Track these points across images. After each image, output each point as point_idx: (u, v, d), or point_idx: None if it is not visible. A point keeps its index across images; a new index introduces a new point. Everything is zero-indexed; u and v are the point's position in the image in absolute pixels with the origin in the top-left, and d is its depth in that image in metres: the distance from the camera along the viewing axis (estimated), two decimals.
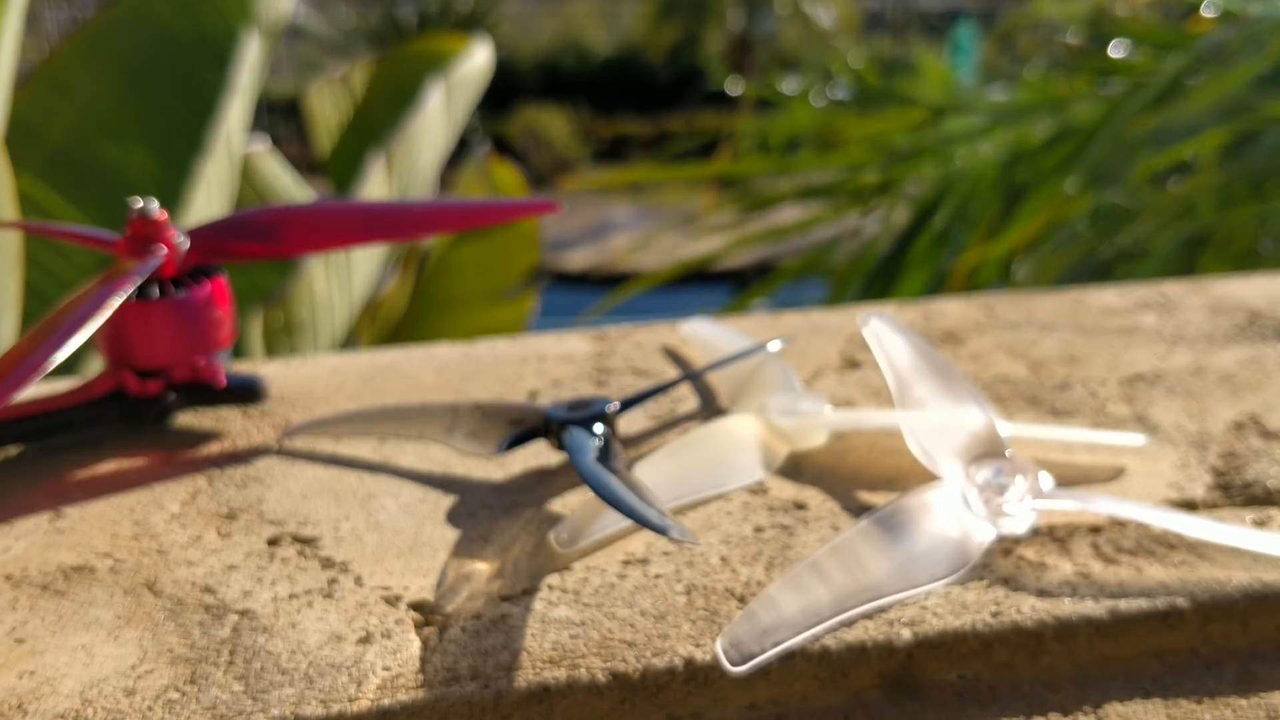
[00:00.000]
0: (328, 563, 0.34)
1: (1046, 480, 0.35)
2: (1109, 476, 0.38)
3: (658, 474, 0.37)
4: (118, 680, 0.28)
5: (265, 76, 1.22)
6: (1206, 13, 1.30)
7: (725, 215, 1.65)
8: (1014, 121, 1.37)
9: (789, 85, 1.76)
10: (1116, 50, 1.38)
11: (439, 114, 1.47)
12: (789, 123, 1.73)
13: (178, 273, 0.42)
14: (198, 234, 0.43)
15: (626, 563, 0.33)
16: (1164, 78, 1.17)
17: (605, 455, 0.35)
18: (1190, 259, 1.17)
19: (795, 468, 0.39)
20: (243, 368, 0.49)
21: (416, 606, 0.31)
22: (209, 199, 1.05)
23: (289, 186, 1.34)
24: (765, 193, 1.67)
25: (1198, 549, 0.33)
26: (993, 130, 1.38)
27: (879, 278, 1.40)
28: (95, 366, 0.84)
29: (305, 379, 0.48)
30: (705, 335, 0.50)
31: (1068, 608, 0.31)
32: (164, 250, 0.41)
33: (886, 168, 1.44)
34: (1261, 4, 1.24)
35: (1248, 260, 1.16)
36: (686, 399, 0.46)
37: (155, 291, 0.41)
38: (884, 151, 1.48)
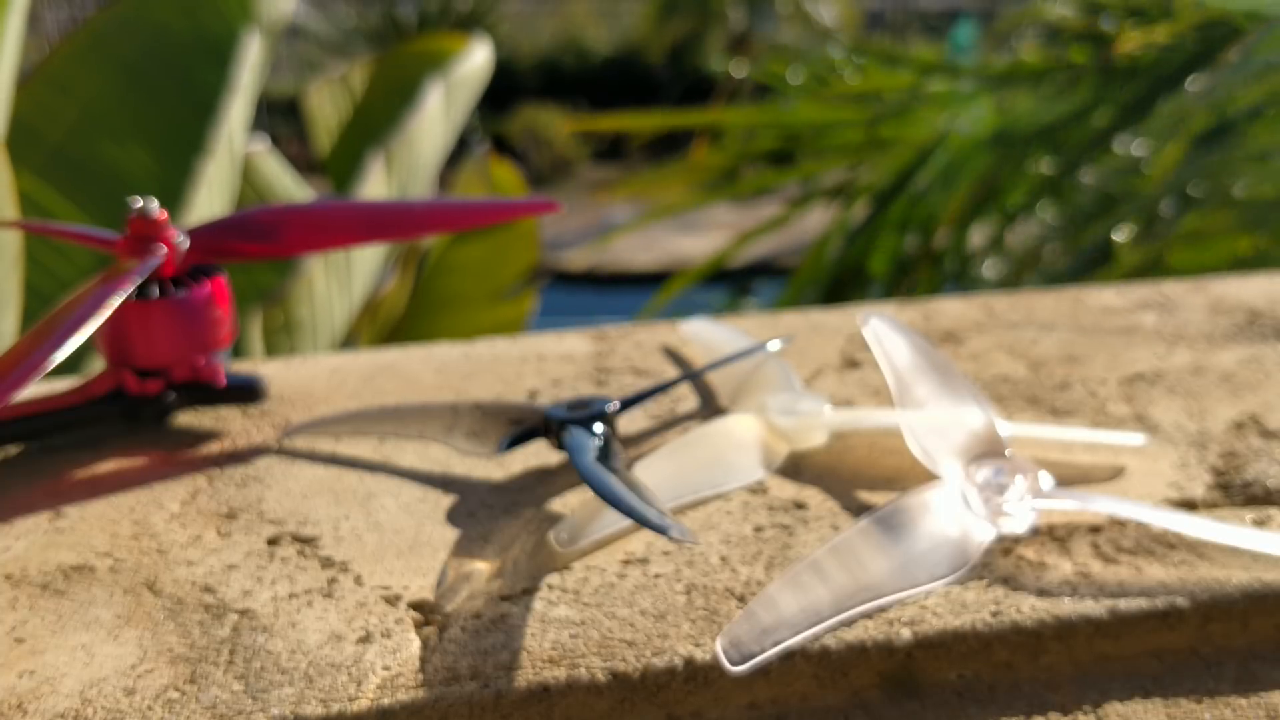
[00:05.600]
0: (327, 562, 0.34)
1: (1046, 480, 0.35)
2: (1109, 476, 0.38)
3: (658, 474, 0.37)
4: (118, 680, 0.28)
5: (265, 76, 1.22)
6: None
7: (719, 202, 1.62)
8: (1001, 88, 1.36)
9: (792, 75, 1.73)
10: (1109, 23, 1.36)
11: (439, 113, 1.47)
12: (793, 116, 1.71)
13: (178, 272, 0.42)
14: (198, 233, 0.43)
15: (626, 562, 0.33)
16: None
17: (605, 455, 0.35)
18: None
19: (795, 467, 0.39)
20: (243, 367, 0.49)
21: (416, 606, 0.31)
22: (210, 199, 1.05)
23: (288, 186, 1.34)
24: (753, 145, 1.64)
25: (1198, 549, 0.33)
26: (980, 96, 1.37)
27: (852, 245, 1.38)
28: (95, 366, 0.84)
29: (305, 378, 0.48)
30: (705, 335, 0.50)
31: (1068, 607, 0.31)
32: (164, 250, 0.41)
33: (873, 124, 1.43)
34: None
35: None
36: (686, 399, 0.46)
37: (155, 291, 0.41)
38: (873, 104, 1.46)
